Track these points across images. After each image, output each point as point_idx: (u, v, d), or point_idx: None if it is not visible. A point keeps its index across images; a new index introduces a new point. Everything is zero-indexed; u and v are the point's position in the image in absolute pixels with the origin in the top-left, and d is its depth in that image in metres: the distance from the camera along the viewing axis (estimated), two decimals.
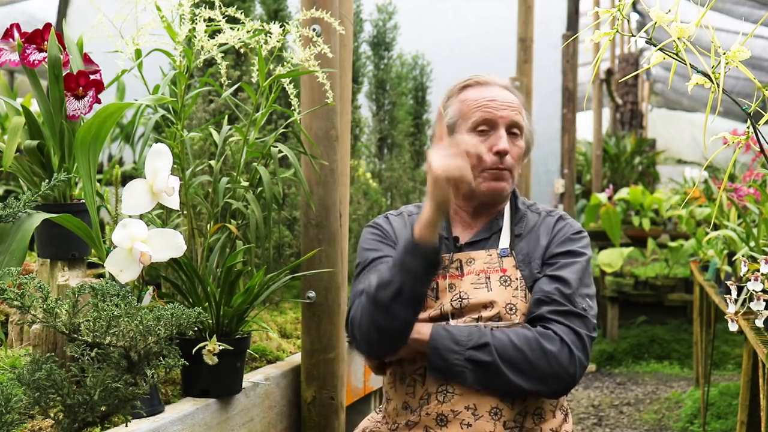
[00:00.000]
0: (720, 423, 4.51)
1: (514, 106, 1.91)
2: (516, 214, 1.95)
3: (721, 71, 1.14)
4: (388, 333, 1.77)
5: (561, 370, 1.75)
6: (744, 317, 2.30)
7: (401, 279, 1.72)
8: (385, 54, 4.28)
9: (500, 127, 1.88)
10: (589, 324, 1.80)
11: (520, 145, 1.91)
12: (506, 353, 1.74)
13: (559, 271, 1.83)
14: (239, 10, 1.98)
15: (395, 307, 1.73)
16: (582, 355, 1.77)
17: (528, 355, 1.74)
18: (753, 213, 3.07)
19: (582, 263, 1.85)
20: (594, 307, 1.84)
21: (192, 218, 2.06)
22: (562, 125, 7.17)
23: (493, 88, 1.93)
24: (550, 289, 1.81)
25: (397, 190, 4.20)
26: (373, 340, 1.80)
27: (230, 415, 1.95)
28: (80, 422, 1.42)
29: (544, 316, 1.78)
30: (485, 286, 1.84)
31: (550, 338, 1.76)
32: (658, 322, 7.03)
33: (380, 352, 1.85)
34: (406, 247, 1.74)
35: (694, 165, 12.22)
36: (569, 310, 1.78)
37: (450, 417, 1.77)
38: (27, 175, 1.82)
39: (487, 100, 1.90)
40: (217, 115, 2.92)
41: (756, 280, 1.87)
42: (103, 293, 1.46)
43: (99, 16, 1.88)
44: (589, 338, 1.79)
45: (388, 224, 1.97)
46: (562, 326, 1.77)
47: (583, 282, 1.84)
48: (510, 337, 1.76)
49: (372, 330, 1.77)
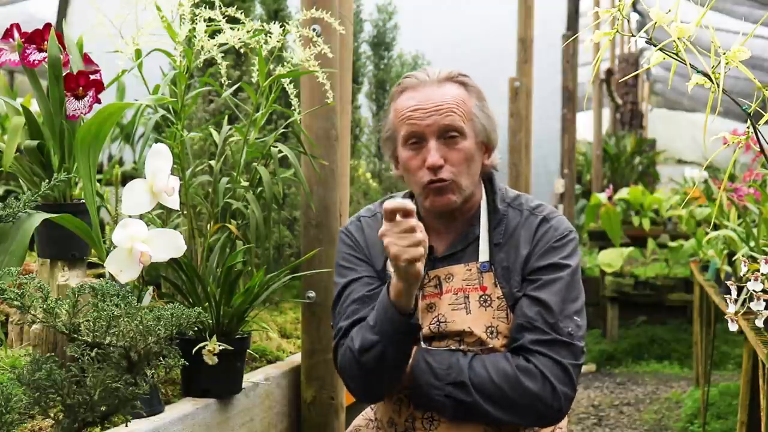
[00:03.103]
0: (720, 423, 4.51)
1: (445, 106, 1.72)
2: (494, 216, 1.80)
3: (721, 71, 1.14)
4: (382, 387, 1.76)
5: (544, 408, 1.66)
6: (744, 317, 2.30)
7: (384, 344, 1.66)
8: (385, 54, 4.28)
9: (429, 137, 1.72)
10: (576, 350, 1.69)
11: (461, 148, 1.73)
12: (485, 390, 1.66)
13: (541, 292, 1.70)
14: (239, 10, 1.98)
15: (382, 369, 1.69)
16: (567, 388, 1.67)
17: (508, 394, 1.66)
18: (753, 213, 3.07)
19: (566, 278, 1.72)
20: (582, 325, 1.72)
21: (192, 218, 2.06)
22: (562, 125, 7.17)
23: (424, 89, 1.75)
24: (532, 314, 1.69)
25: (397, 190, 4.20)
26: (368, 393, 1.80)
27: (230, 415, 1.95)
28: (80, 422, 1.42)
29: (526, 347, 1.68)
30: (464, 308, 1.74)
31: (530, 374, 1.66)
32: (658, 322, 7.02)
33: (378, 399, 1.83)
34: (385, 309, 1.66)
35: (694, 165, 12.21)
36: (553, 339, 1.67)
37: None
38: (27, 175, 1.82)
39: (411, 110, 1.74)
40: (217, 115, 2.92)
41: (756, 280, 1.87)
42: (103, 293, 1.46)
43: (99, 16, 1.88)
44: (575, 366, 1.68)
45: (359, 232, 1.87)
46: (544, 358, 1.67)
47: (568, 299, 1.71)
48: (489, 373, 1.67)
49: (365, 386, 1.76)
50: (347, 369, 1.75)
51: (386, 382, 1.74)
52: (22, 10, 7.17)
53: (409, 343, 1.70)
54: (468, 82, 1.80)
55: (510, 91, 5.57)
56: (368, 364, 1.69)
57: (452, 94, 1.76)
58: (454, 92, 1.76)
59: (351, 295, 1.80)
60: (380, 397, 1.81)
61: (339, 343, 1.78)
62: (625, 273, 7.09)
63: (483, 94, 1.82)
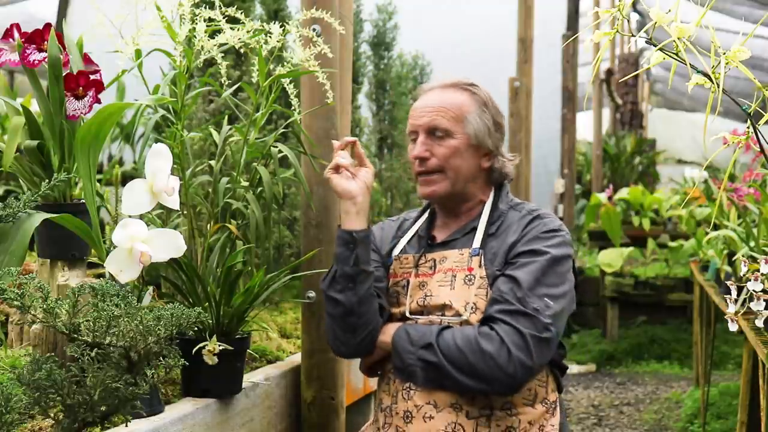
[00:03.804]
0: (720, 423, 4.51)
1: (441, 109, 1.92)
2: (494, 213, 1.95)
3: (721, 71, 1.14)
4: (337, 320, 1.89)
5: (498, 371, 1.73)
6: (744, 317, 2.30)
7: (334, 266, 1.88)
8: (385, 54, 4.28)
9: (420, 133, 1.93)
10: (538, 324, 1.75)
11: (448, 145, 1.90)
12: (450, 354, 1.77)
13: (516, 271, 1.81)
14: (239, 10, 1.97)
15: (332, 289, 1.87)
16: (522, 354, 1.73)
17: (468, 356, 1.75)
18: (753, 213, 3.07)
19: (542, 262, 1.81)
20: (554, 307, 1.78)
21: (192, 218, 2.06)
22: (562, 125, 7.18)
23: (430, 94, 1.97)
24: (505, 288, 1.80)
25: (397, 190, 4.20)
26: (330, 334, 1.93)
27: (230, 415, 1.95)
28: (80, 422, 1.42)
29: (492, 316, 1.78)
30: (449, 285, 1.88)
31: (490, 338, 1.75)
32: (658, 322, 7.02)
33: (341, 344, 1.93)
34: (335, 241, 1.91)
35: (694, 165, 12.21)
36: (517, 309, 1.76)
37: (414, 413, 1.82)
38: (27, 175, 1.82)
39: (415, 110, 1.97)
40: (217, 115, 2.92)
41: (756, 280, 1.87)
42: (103, 293, 1.46)
43: (99, 16, 1.87)
44: (536, 338, 1.74)
45: (379, 230, 2.08)
46: (505, 325, 1.75)
47: (543, 282, 1.79)
48: (455, 337, 1.78)
49: (328, 323, 1.93)
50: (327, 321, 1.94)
51: (337, 310, 1.88)
52: (22, 10, 7.18)
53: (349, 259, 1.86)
54: (475, 90, 1.96)
55: (510, 91, 5.58)
56: (324, 288, 1.90)
57: (451, 98, 1.94)
58: (454, 97, 1.94)
59: None
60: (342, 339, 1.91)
61: None
62: (625, 273, 7.09)
63: (492, 104, 1.97)
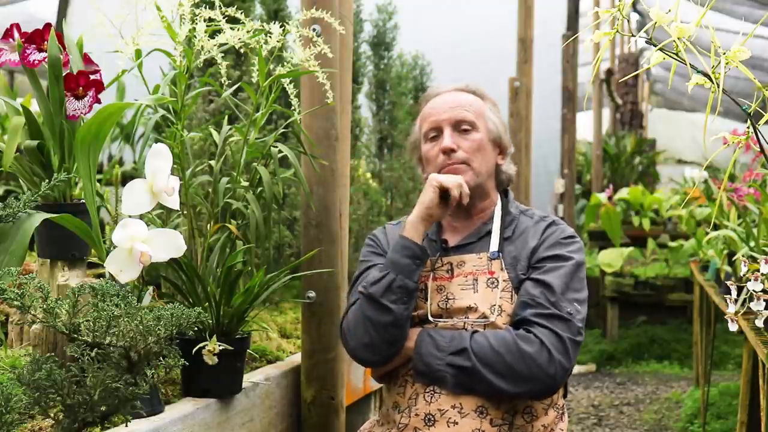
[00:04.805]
0: (720, 423, 4.51)
1: (462, 104, 1.96)
2: (506, 217, 1.97)
3: (721, 71, 1.14)
4: (380, 329, 1.82)
5: (539, 372, 1.73)
6: (744, 317, 2.30)
7: (392, 274, 1.82)
8: (385, 54, 4.27)
9: (445, 128, 1.95)
10: (573, 327, 1.78)
11: (473, 138, 1.94)
12: (485, 357, 1.76)
13: (546, 275, 1.83)
14: (239, 10, 1.97)
15: (386, 298, 1.81)
16: (562, 357, 1.75)
17: (506, 358, 1.74)
18: (753, 213, 3.07)
19: (569, 267, 1.84)
20: (582, 312, 1.82)
21: (192, 218, 2.06)
22: (562, 125, 7.17)
23: (445, 95, 2.02)
24: (536, 292, 1.80)
25: (397, 190, 4.20)
26: (365, 340, 1.84)
27: (230, 415, 1.95)
28: (80, 422, 1.42)
29: (527, 319, 1.79)
30: (472, 288, 1.87)
31: (529, 341, 1.75)
32: (658, 322, 7.02)
33: (373, 354, 1.86)
34: (394, 247, 1.86)
35: (694, 165, 12.21)
36: (552, 313, 1.78)
37: (437, 416, 1.79)
38: (27, 175, 1.82)
39: (432, 109, 1.99)
40: (217, 115, 2.92)
41: (756, 280, 1.87)
42: (103, 293, 1.46)
43: (99, 16, 1.87)
44: (572, 342, 1.77)
45: (383, 234, 2.06)
46: (543, 329, 1.76)
47: (570, 287, 1.82)
48: (489, 340, 1.77)
49: (364, 328, 1.84)
50: (350, 319, 1.88)
51: (386, 318, 1.82)
52: (22, 10, 7.17)
53: (414, 275, 1.83)
54: (483, 93, 2.04)
55: (510, 91, 5.57)
56: (375, 293, 1.82)
57: (466, 97, 2.01)
58: (468, 96, 2.01)
59: (365, 277, 1.94)
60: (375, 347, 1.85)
61: (349, 309, 1.92)
62: (625, 273, 7.09)
63: (498, 107, 2.05)
